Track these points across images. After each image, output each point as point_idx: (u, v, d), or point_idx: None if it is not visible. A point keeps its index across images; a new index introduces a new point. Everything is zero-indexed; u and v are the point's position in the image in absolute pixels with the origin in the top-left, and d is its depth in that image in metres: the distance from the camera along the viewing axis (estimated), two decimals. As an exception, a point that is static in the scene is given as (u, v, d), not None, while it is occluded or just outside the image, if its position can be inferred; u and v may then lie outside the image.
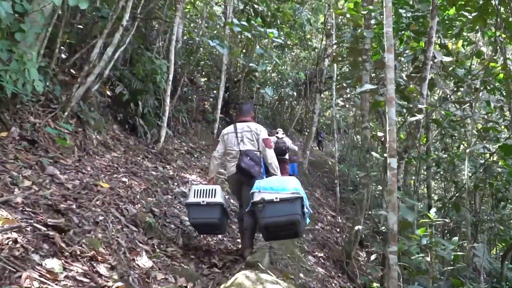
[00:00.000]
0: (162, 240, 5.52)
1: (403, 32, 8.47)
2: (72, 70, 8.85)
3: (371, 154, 8.58)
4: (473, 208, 9.79)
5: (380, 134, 9.51)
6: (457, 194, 8.52)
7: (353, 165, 19.11)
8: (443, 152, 9.12)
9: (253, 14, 13.86)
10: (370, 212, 12.13)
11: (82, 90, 7.35)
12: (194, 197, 5.79)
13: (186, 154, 11.42)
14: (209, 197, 5.76)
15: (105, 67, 8.58)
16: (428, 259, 5.35)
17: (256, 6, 14.04)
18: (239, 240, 6.73)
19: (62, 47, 8.99)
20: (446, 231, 11.08)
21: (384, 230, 13.80)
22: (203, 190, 5.86)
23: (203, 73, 17.42)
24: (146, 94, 10.12)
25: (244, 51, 18.58)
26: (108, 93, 10.04)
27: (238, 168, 5.79)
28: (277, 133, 12.52)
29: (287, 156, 12.03)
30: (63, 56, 8.94)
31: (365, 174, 8.03)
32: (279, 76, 23.69)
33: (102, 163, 6.89)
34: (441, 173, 9.58)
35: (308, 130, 18.84)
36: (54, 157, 5.99)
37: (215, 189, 5.87)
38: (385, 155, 7.64)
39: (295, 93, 25.33)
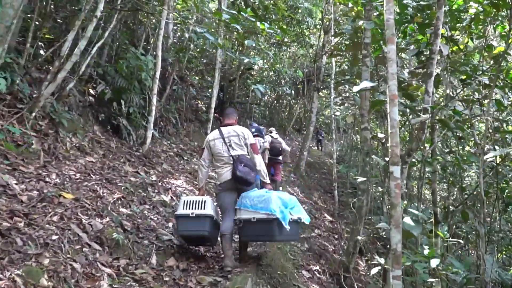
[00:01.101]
0: (131, 260, 4.79)
1: (406, 24, 7.76)
2: (50, 67, 8.16)
3: (371, 157, 7.89)
4: (482, 216, 9.09)
5: (380, 135, 8.82)
6: (465, 201, 7.82)
7: (352, 166, 18.46)
8: (449, 155, 8.41)
9: (244, 7, 13.20)
10: (369, 217, 11.47)
11: (52, 88, 6.65)
12: (183, 208, 5.64)
13: (175, 157, 10.72)
14: (198, 208, 5.60)
15: (80, 63, 7.93)
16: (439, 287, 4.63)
17: (247, -1, 13.46)
18: (223, 256, 6.08)
19: (39, 42, 8.34)
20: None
21: (384, 236, 13.17)
22: (193, 201, 5.69)
23: (196, 71, 16.74)
24: (130, 93, 9.42)
25: (240, 48, 17.94)
26: (92, 92, 9.37)
27: (234, 177, 5.67)
28: (271, 132, 11.79)
29: (280, 158, 11.35)
30: (42, 52, 8.25)
31: (365, 179, 7.31)
32: (276, 75, 23.05)
33: (72, 169, 6.18)
34: (448, 177, 8.86)
35: (306, 130, 18.12)
36: (13, 164, 5.31)
37: (204, 201, 5.68)
38: (386, 159, 6.96)
39: (293, 92, 24.73)
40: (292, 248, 7.90)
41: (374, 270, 7.87)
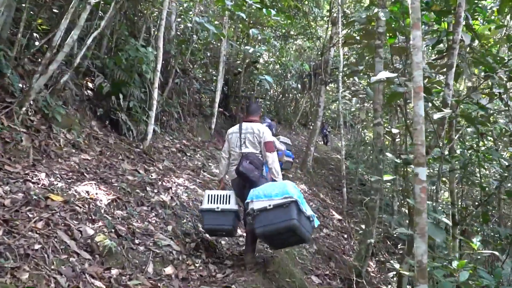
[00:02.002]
0: (125, 269, 4.33)
1: (423, 13, 7.26)
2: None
3: (385, 155, 7.41)
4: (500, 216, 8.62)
5: (394, 131, 8.34)
6: (485, 201, 7.34)
7: (360, 162, 17.95)
8: (468, 152, 7.91)
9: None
10: (380, 215, 10.98)
11: (43, 80, 6.20)
12: (208, 202, 5.85)
13: (177, 153, 10.26)
14: (223, 203, 5.80)
15: (74, 55, 7.50)
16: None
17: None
18: (227, 262, 5.72)
19: (34, 34, 7.89)
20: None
21: (395, 235, 12.69)
22: (217, 195, 5.89)
23: (200, 64, 16.27)
24: (130, 86, 8.96)
25: (245, 41, 17.44)
26: (90, 85, 8.93)
27: (237, 172, 5.73)
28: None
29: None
30: (37, 44, 7.79)
31: (379, 178, 6.83)
32: (282, 68, 22.53)
33: (64, 168, 5.73)
34: (467, 176, 8.35)
35: (312, 124, 17.62)
36: (-2, 163, 4.87)
37: (229, 195, 5.88)
38: (403, 157, 6.48)
39: (299, 86, 24.23)
40: (300, 251, 7.45)
41: (389, 275, 7.44)
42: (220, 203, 5.78)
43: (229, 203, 5.78)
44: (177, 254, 5.22)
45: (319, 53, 19.04)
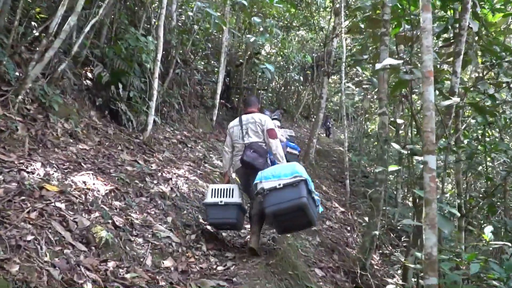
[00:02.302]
0: (122, 261, 4.17)
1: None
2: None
3: (390, 145, 7.25)
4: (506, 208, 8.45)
5: (399, 121, 8.16)
6: (492, 193, 7.17)
7: (363, 154, 17.79)
8: (475, 142, 7.73)
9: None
10: (384, 207, 10.83)
11: (39, 68, 6.04)
12: (212, 196, 5.91)
13: (178, 144, 10.10)
14: (226, 196, 5.84)
15: (73, 43, 7.34)
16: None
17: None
18: (228, 255, 5.57)
19: (32, 22, 7.73)
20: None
21: (399, 227, 12.55)
22: (221, 189, 5.94)
23: (202, 55, 16.07)
24: (130, 76, 8.79)
25: (247, 31, 17.22)
26: (89, 75, 8.76)
27: (241, 162, 5.79)
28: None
29: None
30: (36, 32, 7.62)
31: (383, 169, 6.66)
32: (285, 60, 22.30)
33: (61, 158, 5.57)
34: (474, 167, 8.17)
35: (315, 117, 17.42)
36: (-7, 152, 4.71)
37: (232, 189, 5.93)
38: (408, 147, 6.31)
39: (301, 78, 24.03)
40: (303, 243, 7.30)
41: (393, 268, 7.30)
42: (223, 197, 5.82)
43: (232, 197, 5.82)
44: (177, 246, 5.08)
45: (322, 44, 18.83)
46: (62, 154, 5.73)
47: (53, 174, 4.97)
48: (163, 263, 4.60)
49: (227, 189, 5.91)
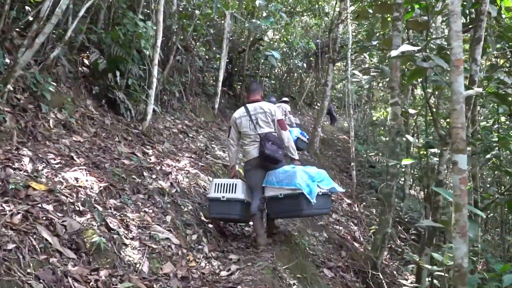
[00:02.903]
0: (116, 269, 3.78)
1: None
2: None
3: (403, 137, 6.85)
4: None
5: (411, 111, 7.76)
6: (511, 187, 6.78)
7: (368, 143, 17.42)
8: (493, 134, 7.33)
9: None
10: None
11: (29, 54, 5.63)
12: (214, 191, 5.88)
13: (179, 134, 9.71)
14: (229, 192, 5.78)
15: (67, 28, 6.92)
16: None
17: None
18: (232, 257, 5.19)
19: (26, 7, 7.32)
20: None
21: (406, 220, 12.18)
22: (224, 184, 5.88)
23: (203, 41, 15.62)
24: (128, 63, 8.37)
25: (249, 17, 16.75)
26: (86, 62, 8.35)
27: (263, 155, 5.64)
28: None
29: None
30: (29, 17, 7.20)
31: (396, 162, 6.26)
32: (288, 46, 21.82)
33: (51, 151, 5.18)
34: (492, 160, 7.77)
35: (319, 104, 16.99)
36: (-25, 147, 4.33)
37: (235, 184, 5.85)
38: (424, 139, 5.92)
39: (304, 65, 23.57)
40: (311, 241, 6.93)
41: (407, 268, 6.93)
42: (226, 192, 5.77)
43: (234, 193, 5.75)
44: (176, 249, 4.69)
45: (326, 30, 18.37)
46: (54, 147, 5.34)
47: (42, 170, 4.59)
48: (161, 268, 4.22)
49: (230, 184, 5.84)
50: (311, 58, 24.49)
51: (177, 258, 4.55)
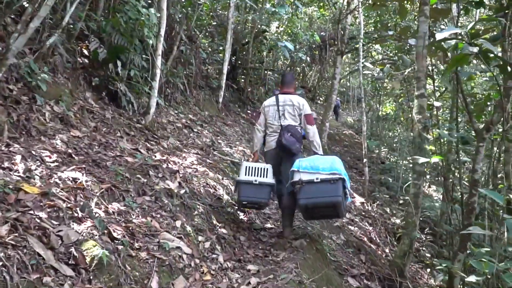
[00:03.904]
0: (121, 286, 3.24)
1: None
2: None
3: (429, 132, 6.29)
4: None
5: (436, 103, 7.20)
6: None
7: (377, 139, 16.91)
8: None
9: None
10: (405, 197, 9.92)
11: (22, 41, 5.06)
12: (245, 174, 5.78)
13: (184, 129, 9.18)
14: (261, 176, 5.74)
15: (65, 14, 6.36)
16: None
17: None
18: (250, 268, 4.62)
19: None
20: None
21: (421, 219, 11.61)
22: (256, 168, 5.80)
23: (206, 33, 15.07)
24: (130, 53, 7.82)
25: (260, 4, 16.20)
26: (85, 51, 7.78)
27: (279, 144, 5.70)
28: None
29: None
30: (23, 1, 6.63)
31: (425, 160, 5.70)
32: (292, 39, 21.28)
33: (47, 148, 4.61)
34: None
35: (325, 98, 16.44)
36: (-41, 143, 3.76)
37: (267, 168, 5.80)
38: (457, 135, 5.38)
39: (308, 58, 23.04)
40: (329, 244, 6.38)
41: (438, 279, 6.41)
42: (258, 176, 5.72)
43: (266, 177, 5.73)
44: (188, 259, 4.11)
45: (334, 21, 17.80)
46: (49, 143, 4.77)
47: (35, 169, 4.02)
48: (172, 284, 3.64)
49: (261, 168, 5.78)
50: (315, 52, 23.98)
51: (189, 270, 3.97)
